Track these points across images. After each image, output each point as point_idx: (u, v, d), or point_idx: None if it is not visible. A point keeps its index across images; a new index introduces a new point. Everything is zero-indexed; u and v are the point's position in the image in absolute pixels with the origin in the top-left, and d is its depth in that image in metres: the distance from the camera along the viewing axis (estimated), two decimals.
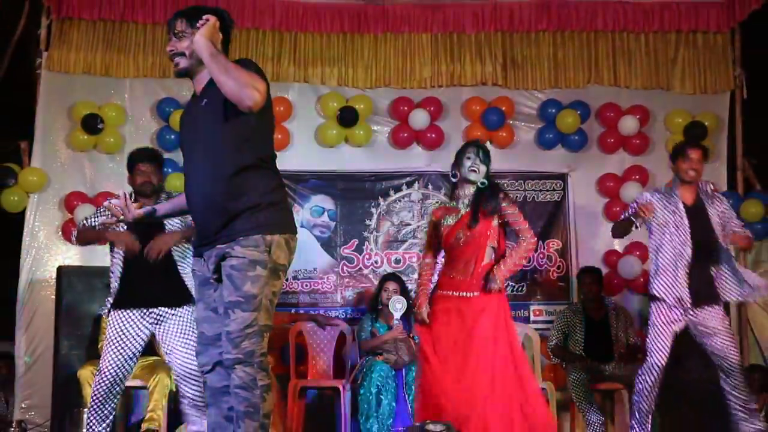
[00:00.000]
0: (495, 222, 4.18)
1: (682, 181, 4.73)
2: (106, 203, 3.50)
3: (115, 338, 4.40)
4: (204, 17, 3.02)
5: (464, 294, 4.14)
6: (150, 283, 4.39)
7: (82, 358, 5.64)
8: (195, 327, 3.27)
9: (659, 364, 4.57)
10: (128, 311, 4.42)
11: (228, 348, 2.94)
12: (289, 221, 3.10)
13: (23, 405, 6.09)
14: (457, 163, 4.31)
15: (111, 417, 4.45)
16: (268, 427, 3.03)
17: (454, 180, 4.38)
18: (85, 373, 5.36)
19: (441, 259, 4.47)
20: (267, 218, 2.98)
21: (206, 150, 2.99)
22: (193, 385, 4.36)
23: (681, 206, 4.65)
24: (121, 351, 4.40)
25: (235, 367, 2.95)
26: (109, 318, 4.44)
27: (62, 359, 5.70)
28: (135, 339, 4.43)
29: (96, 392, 4.41)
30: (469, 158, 4.25)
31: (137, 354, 4.47)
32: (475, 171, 4.23)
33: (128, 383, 5.53)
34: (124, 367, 4.42)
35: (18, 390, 6.12)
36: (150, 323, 4.46)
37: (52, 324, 5.87)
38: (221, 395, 3.08)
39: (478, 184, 4.25)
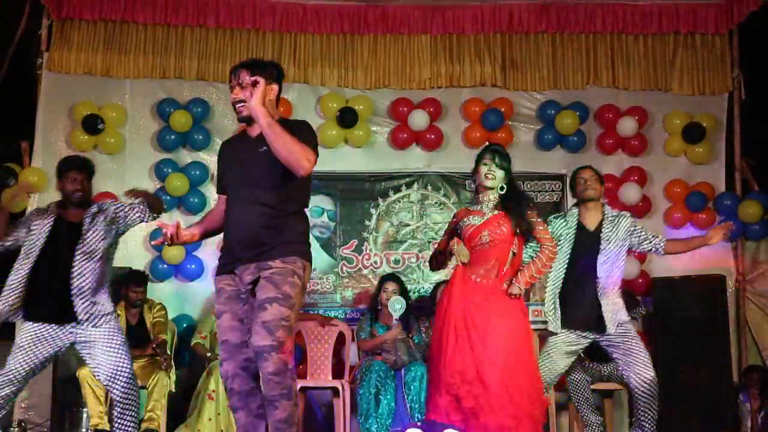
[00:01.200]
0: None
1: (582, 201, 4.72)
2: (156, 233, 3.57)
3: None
4: (253, 79, 3.37)
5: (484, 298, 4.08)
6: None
7: (81, 358, 5.63)
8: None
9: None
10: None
11: (264, 335, 3.16)
12: (311, 259, 3.53)
13: (23, 404, 6.08)
14: (475, 169, 4.23)
15: None
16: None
17: (473, 186, 4.35)
18: (84, 373, 5.36)
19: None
20: (301, 250, 3.46)
21: (259, 192, 3.35)
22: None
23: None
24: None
25: (271, 353, 3.15)
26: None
27: (61, 359, 5.69)
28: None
29: None
30: (485, 164, 4.14)
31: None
32: (491, 177, 4.14)
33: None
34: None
35: None
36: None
37: None
38: (249, 397, 3.31)
39: (498, 190, 4.16)
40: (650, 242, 4.68)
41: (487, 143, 4.72)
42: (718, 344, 5.99)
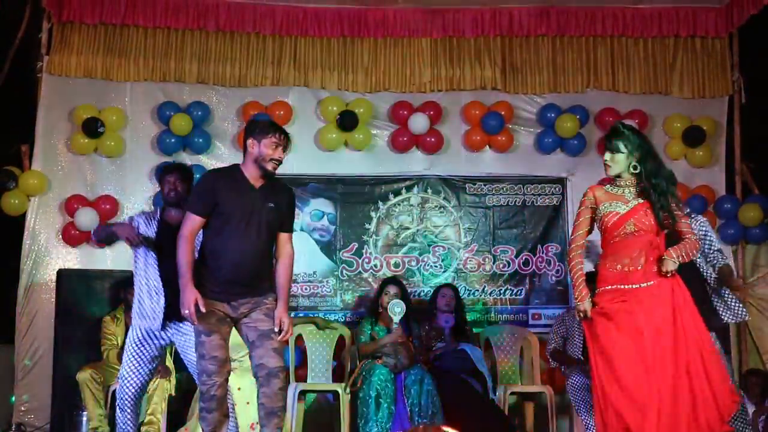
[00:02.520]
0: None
1: None
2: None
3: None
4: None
5: (636, 286, 3.77)
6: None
7: (81, 361, 5.63)
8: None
9: None
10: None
11: (277, 358, 3.95)
12: None
13: (23, 408, 6.08)
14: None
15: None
16: None
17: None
18: (84, 376, 5.37)
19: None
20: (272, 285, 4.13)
21: (260, 239, 3.96)
22: None
23: None
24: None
25: (280, 373, 3.94)
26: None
27: (62, 362, 5.70)
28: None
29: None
30: (605, 154, 3.89)
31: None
32: (609, 165, 3.86)
33: None
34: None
35: (18, 392, 6.12)
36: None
37: (52, 327, 5.88)
38: (223, 402, 4.02)
39: (629, 171, 3.83)
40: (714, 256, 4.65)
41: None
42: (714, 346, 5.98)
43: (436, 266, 6.59)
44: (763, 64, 6.59)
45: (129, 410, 4.46)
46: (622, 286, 3.77)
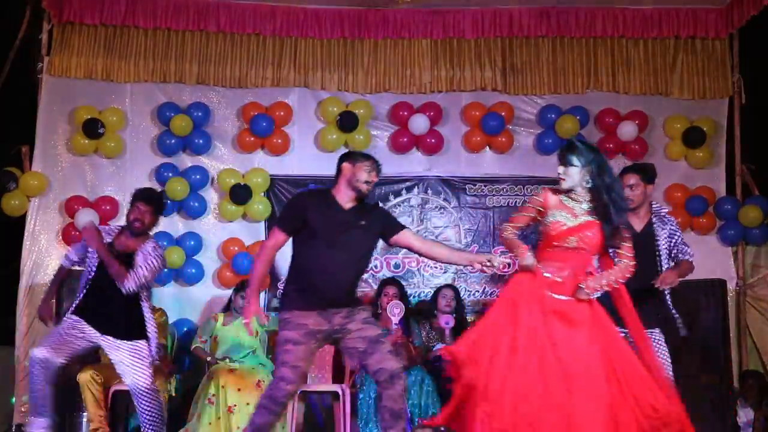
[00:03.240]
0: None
1: None
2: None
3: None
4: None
5: (559, 297, 3.64)
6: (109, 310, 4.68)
7: (81, 362, 5.63)
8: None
9: None
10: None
11: (395, 360, 4.02)
12: None
13: (23, 408, 6.07)
14: None
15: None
16: None
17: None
18: (84, 377, 5.36)
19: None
20: None
21: (354, 255, 4.10)
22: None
23: None
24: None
25: (401, 374, 3.99)
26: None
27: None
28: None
29: None
30: (559, 167, 3.74)
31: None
32: (563, 179, 3.70)
33: (128, 387, 5.57)
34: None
35: (18, 393, 6.12)
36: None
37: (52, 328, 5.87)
38: (285, 410, 4.21)
39: (582, 186, 3.68)
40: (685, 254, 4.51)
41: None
42: (718, 349, 5.97)
43: (436, 267, 6.59)
44: (763, 65, 6.59)
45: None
46: (549, 294, 3.65)
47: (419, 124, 6.57)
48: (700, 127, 6.62)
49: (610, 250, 3.79)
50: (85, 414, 5.49)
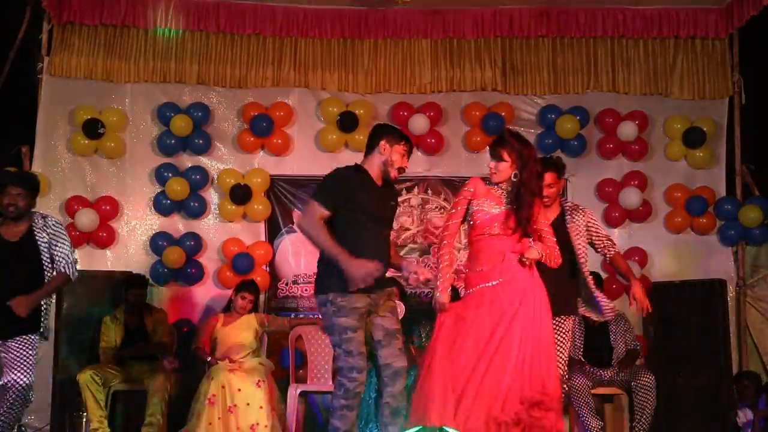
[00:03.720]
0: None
1: None
2: None
3: None
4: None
5: (491, 284, 3.87)
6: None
7: (81, 362, 5.65)
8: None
9: None
10: None
11: (404, 359, 4.00)
12: None
13: None
14: None
15: None
16: None
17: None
18: (84, 377, 5.37)
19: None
20: None
21: (387, 236, 4.13)
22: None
23: None
24: None
25: (405, 373, 3.99)
26: None
27: (62, 363, 5.70)
28: None
29: None
30: (491, 161, 3.94)
31: None
32: (493, 172, 3.92)
33: (129, 387, 5.58)
34: None
35: None
36: None
37: (53, 328, 5.86)
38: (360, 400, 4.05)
39: (512, 179, 3.91)
40: (602, 242, 4.58)
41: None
42: (718, 349, 5.98)
43: (436, 267, 6.57)
44: (763, 65, 6.59)
45: None
46: (481, 286, 3.87)
47: (419, 124, 6.56)
48: (700, 127, 6.61)
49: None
50: (85, 414, 5.49)
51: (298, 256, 6.56)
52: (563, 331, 4.40)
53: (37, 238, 4.43)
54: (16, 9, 6.44)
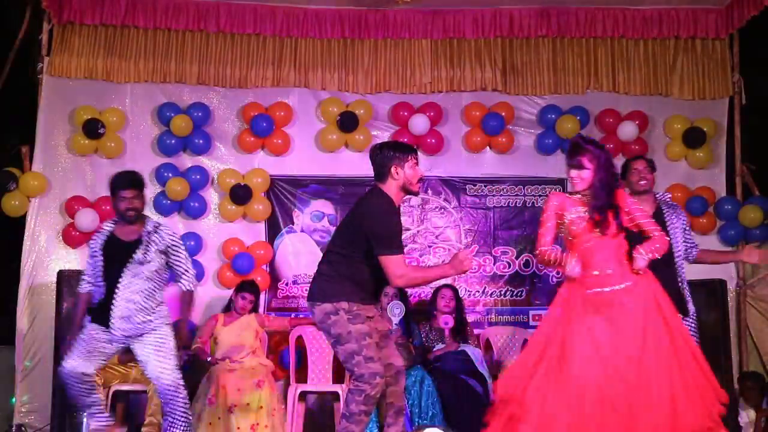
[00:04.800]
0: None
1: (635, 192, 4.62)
2: None
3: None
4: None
5: (611, 288, 3.77)
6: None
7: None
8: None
9: None
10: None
11: (400, 357, 4.16)
12: None
13: (23, 409, 6.09)
14: None
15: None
16: None
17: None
18: None
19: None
20: None
21: None
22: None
23: None
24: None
25: (404, 371, 4.13)
26: None
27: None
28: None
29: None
30: (571, 171, 3.92)
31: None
32: (577, 182, 3.91)
33: (128, 387, 5.58)
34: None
35: (18, 393, 6.12)
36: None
37: (53, 328, 5.87)
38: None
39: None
40: (691, 244, 4.70)
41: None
42: (718, 349, 5.97)
43: None
44: (763, 65, 6.59)
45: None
46: (600, 290, 3.77)
47: (419, 124, 6.56)
48: (700, 127, 6.62)
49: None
50: (85, 414, 5.48)
51: (298, 256, 6.57)
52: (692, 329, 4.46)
53: (144, 242, 4.52)
54: (16, 9, 6.44)
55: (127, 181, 4.59)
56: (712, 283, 6.13)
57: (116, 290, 4.46)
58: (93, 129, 6.35)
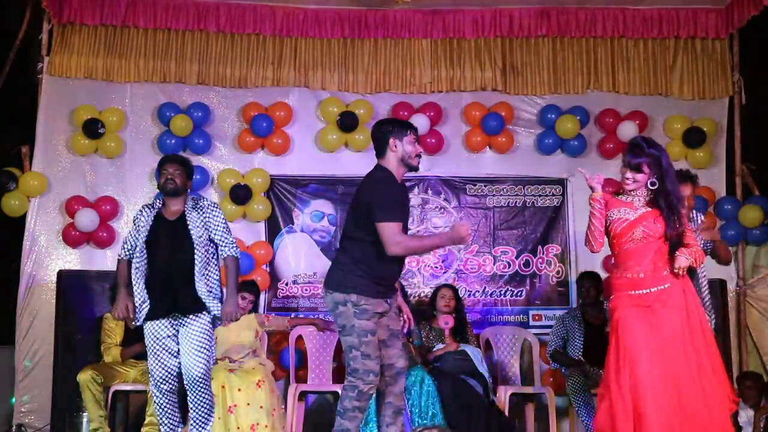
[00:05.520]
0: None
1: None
2: None
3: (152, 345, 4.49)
4: None
5: (648, 291, 3.82)
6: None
7: (82, 362, 5.63)
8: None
9: None
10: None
11: (404, 359, 4.12)
12: None
13: (23, 409, 6.09)
14: None
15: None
16: None
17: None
18: (84, 377, 5.36)
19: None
20: None
21: (406, 230, 4.12)
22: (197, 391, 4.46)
23: None
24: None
25: (405, 373, 4.13)
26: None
27: (62, 363, 5.71)
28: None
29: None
30: (623, 170, 3.91)
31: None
32: (629, 183, 3.91)
33: (128, 387, 5.58)
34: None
35: (18, 393, 6.12)
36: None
37: (53, 328, 5.88)
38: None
39: (647, 186, 3.90)
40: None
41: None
42: (718, 349, 5.97)
43: (436, 267, 6.59)
44: (763, 65, 6.59)
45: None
46: (635, 292, 3.82)
47: (419, 124, 6.54)
48: (700, 127, 6.62)
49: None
50: (85, 414, 5.49)
51: (298, 256, 6.57)
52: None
53: (187, 218, 4.51)
54: (16, 9, 6.44)
55: (171, 159, 4.69)
56: (712, 283, 6.12)
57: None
58: (93, 129, 6.35)
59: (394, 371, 4.03)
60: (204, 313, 4.45)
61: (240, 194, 6.39)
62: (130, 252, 4.53)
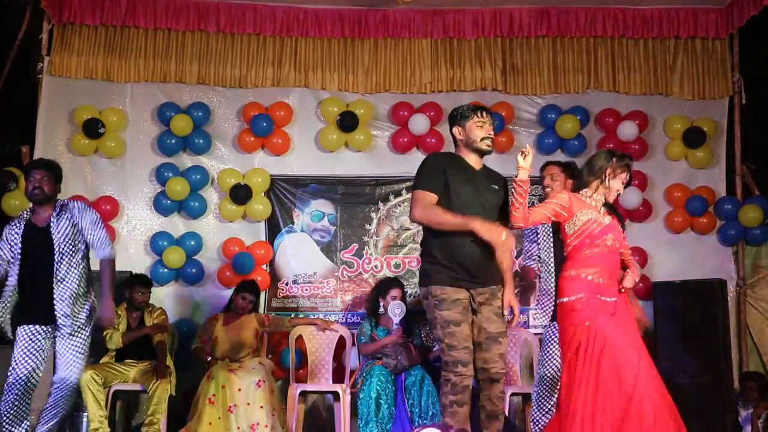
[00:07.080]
0: None
1: None
2: None
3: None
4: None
5: (612, 299, 3.78)
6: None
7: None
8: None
9: None
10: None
11: (502, 364, 3.86)
12: None
13: None
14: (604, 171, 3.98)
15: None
16: None
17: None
18: (84, 377, 5.35)
19: None
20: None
21: (491, 220, 3.85)
22: None
23: None
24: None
25: (502, 378, 3.87)
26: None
27: None
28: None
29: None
30: (624, 187, 3.99)
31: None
32: (618, 195, 4.03)
33: (128, 387, 5.58)
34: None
35: None
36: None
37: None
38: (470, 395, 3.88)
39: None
40: None
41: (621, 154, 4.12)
42: (718, 349, 5.98)
43: None
44: (763, 65, 6.59)
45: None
46: (603, 298, 3.75)
47: (420, 123, 6.57)
48: (700, 127, 6.62)
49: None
50: (85, 414, 5.49)
51: (298, 256, 6.57)
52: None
53: (51, 225, 4.47)
54: (16, 9, 6.44)
55: (37, 165, 4.59)
56: (712, 283, 6.13)
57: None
58: (93, 129, 6.36)
59: (488, 376, 3.85)
60: (76, 319, 4.45)
61: (240, 194, 6.39)
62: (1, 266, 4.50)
